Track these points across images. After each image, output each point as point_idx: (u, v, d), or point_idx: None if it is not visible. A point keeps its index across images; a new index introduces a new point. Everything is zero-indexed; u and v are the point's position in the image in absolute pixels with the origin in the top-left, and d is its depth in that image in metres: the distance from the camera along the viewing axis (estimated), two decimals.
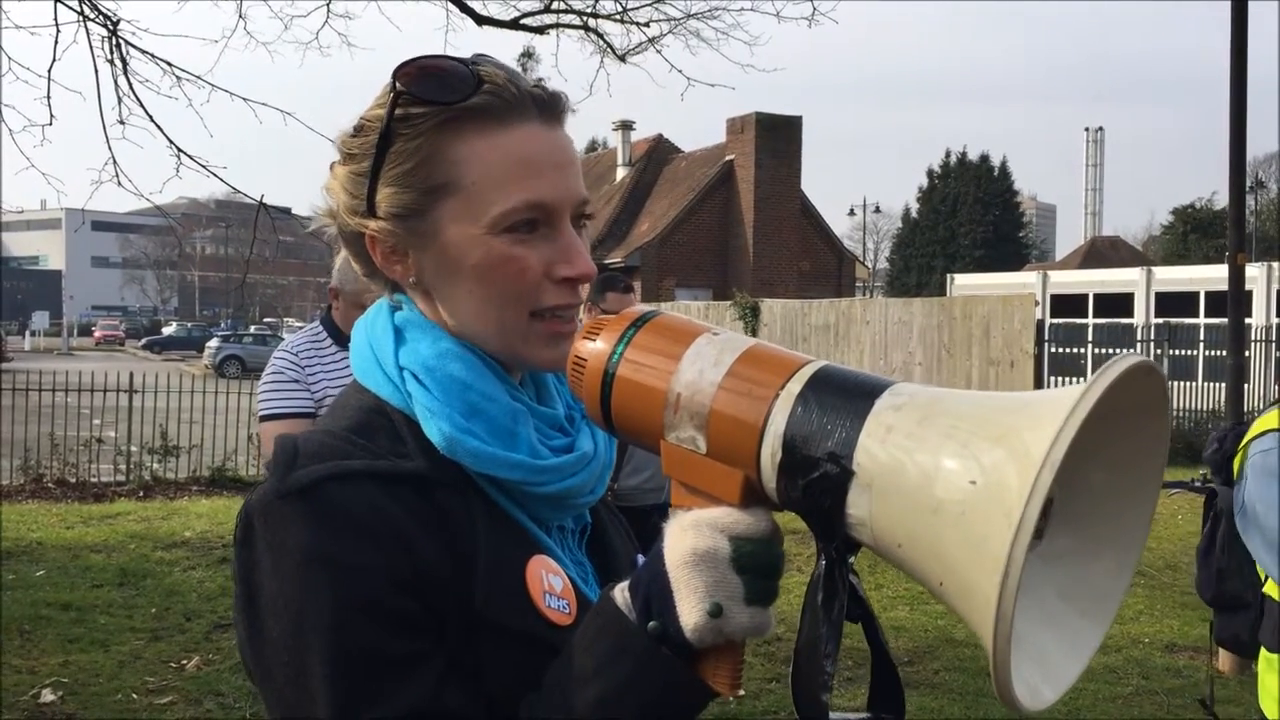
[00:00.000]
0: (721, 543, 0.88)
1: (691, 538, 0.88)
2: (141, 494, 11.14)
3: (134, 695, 5.32)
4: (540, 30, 10.06)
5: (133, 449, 11.85)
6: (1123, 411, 0.78)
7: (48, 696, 5.23)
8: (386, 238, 1.06)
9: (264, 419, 3.56)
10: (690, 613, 0.87)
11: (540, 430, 1.08)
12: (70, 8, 7.03)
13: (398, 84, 1.02)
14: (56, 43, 6.94)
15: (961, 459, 0.77)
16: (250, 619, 0.95)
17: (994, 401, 0.81)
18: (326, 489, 0.94)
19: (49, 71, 6.88)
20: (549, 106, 1.06)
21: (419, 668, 0.93)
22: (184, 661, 5.82)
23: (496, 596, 0.98)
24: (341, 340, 3.63)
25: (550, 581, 1.03)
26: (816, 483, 0.83)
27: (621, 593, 0.93)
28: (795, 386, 0.86)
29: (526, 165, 1.03)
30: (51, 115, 6.90)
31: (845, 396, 0.84)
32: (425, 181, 1.03)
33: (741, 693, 0.92)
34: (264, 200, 6.98)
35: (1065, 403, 0.74)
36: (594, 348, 0.97)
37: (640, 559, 1.19)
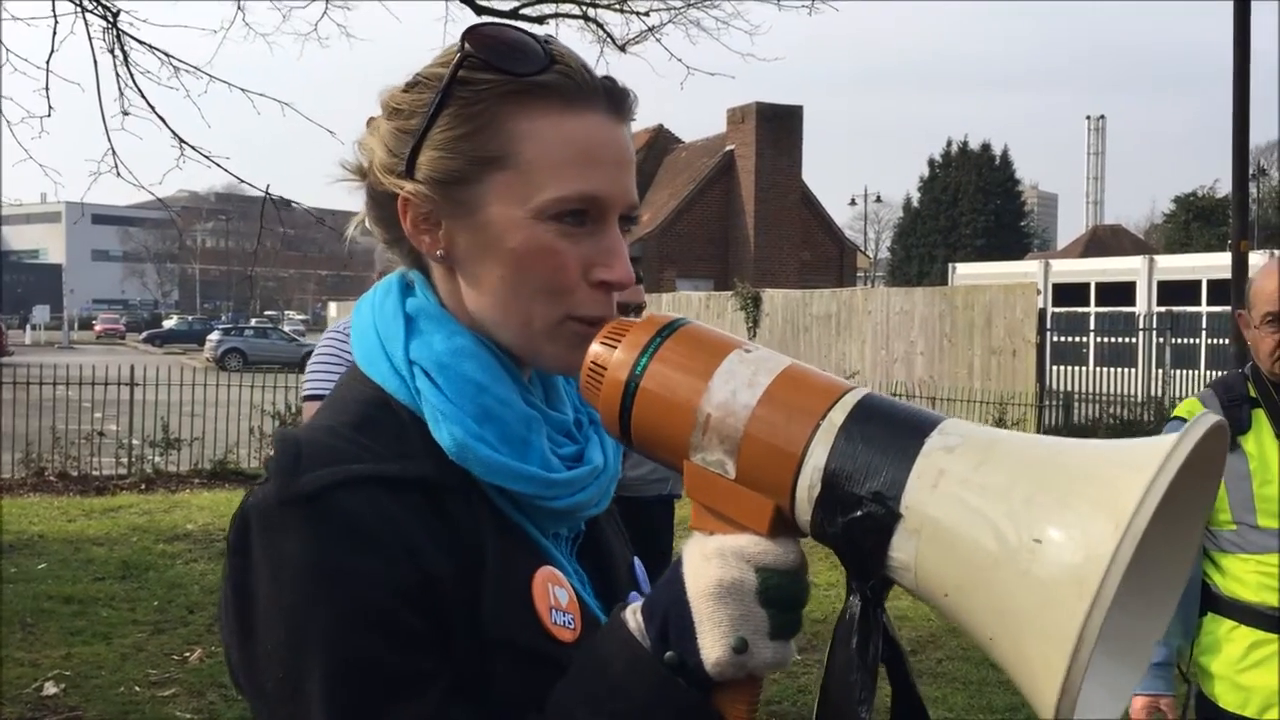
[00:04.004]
0: (748, 574, 0.83)
1: (717, 567, 0.84)
2: (143, 487, 11.13)
3: (137, 688, 5.32)
4: (540, 20, 10.03)
5: (134, 442, 11.84)
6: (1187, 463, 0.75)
7: (50, 689, 5.23)
8: (422, 203, 0.98)
9: (307, 399, 3.58)
10: (713, 647, 0.83)
11: (550, 437, 1.02)
12: None
13: (467, 44, 0.96)
14: (54, 34, 6.92)
15: (1027, 514, 0.73)
16: (242, 628, 0.90)
17: (1057, 451, 0.77)
18: (332, 496, 0.88)
19: (47, 63, 6.87)
20: (618, 100, 1.00)
21: (423, 685, 0.88)
22: (186, 654, 5.83)
23: (503, 611, 0.93)
24: None
25: (556, 595, 0.98)
26: (858, 522, 0.79)
27: (634, 616, 0.88)
28: (838, 416, 0.82)
29: (587, 154, 0.97)
30: (50, 107, 6.89)
31: (892, 432, 0.80)
32: (477, 150, 0.96)
33: None
34: (269, 191, 6.96)
35: (1148, 461, 0.70)
36: (614, 355, 0.90)
37: (638, 564, 1.16)
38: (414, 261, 1.06)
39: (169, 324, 58.59)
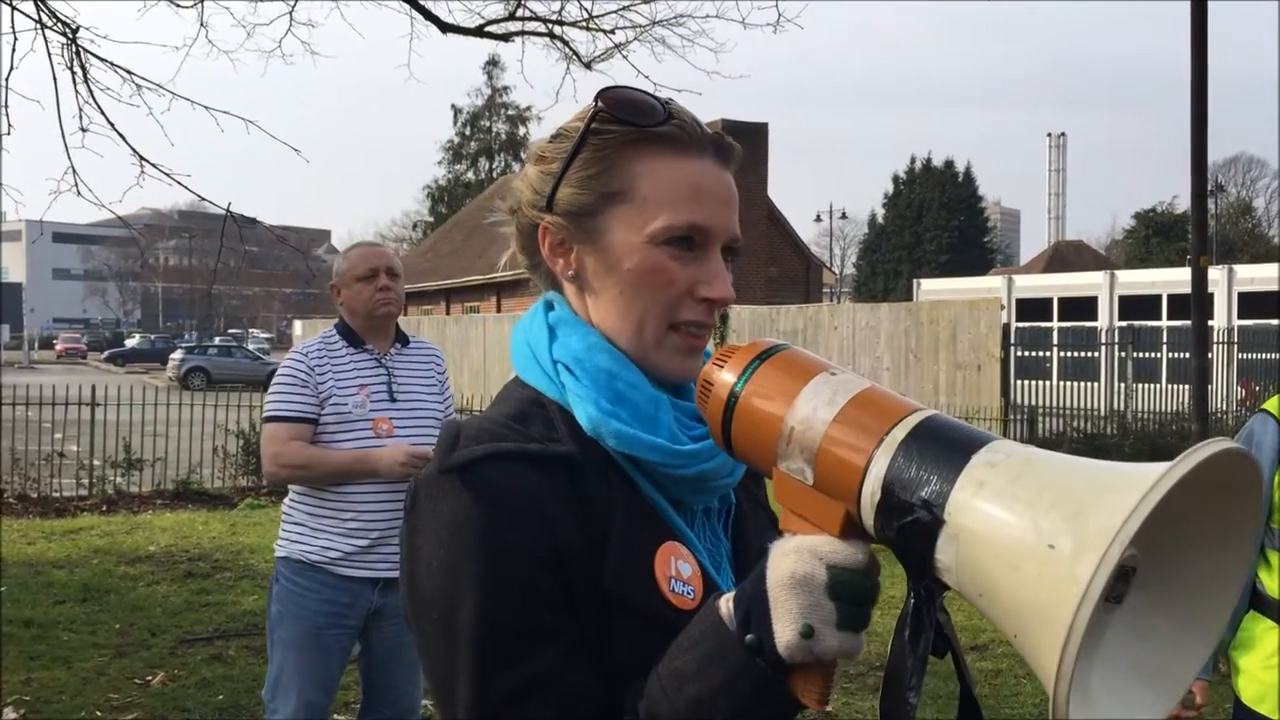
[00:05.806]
0: (819, 569, 0.95)
1: (791, 562, 0.96)
2: (104, 508, 10.97)
3: (98, 712, 5.24)
4: (505, 38, 10.04)
5: (95, 463, 11.69)
6: (1214, 489, 0.82)
7: (10, 715, 5.15)
8: (557, 231, 1.18)
9: (266, 420, 3.60)
10: (784, 631, 0.94)
11: (680, 421, 1.17)
12: (27, 15, 6.95)
13: (599, 103, 1.16)
14: (14, 50, 6.86)
15: (1044, 523, 0.81)
16: (410, 576, 1.09)
17: (1084, 470, 0.85)
18: (482, 467, 1.06)
19: (6, 80, 6.80)
20: (724, 151, 1.19)
21: (549, 638, 1.04)
22: (149, 678, 5.74)
23: (624, 576, 1.08)
24: (353, 341, 3.69)
25: (678, 567, 1.12)
26: (909, 526, 0.89)
27: (726, 603, 1.00)
28: (900, 434, 0.92)
29: (695, 191, 1.15)
30: (9, 124, 6.81)
31: (944, 448, 0.90)
32: (604, 187, 1.16)
33: (829, 708, 0.99)
34: (231, 209, 6.92)
35: (1144, 481, 0.78)
36: (720, 375, 1.05)
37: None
38: (551, 284, 1.25)
39: (131, 342, 57.94)
